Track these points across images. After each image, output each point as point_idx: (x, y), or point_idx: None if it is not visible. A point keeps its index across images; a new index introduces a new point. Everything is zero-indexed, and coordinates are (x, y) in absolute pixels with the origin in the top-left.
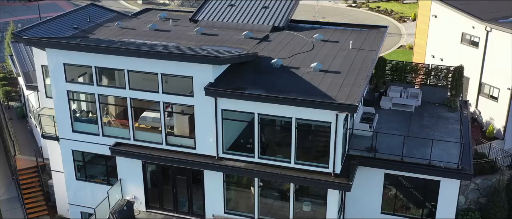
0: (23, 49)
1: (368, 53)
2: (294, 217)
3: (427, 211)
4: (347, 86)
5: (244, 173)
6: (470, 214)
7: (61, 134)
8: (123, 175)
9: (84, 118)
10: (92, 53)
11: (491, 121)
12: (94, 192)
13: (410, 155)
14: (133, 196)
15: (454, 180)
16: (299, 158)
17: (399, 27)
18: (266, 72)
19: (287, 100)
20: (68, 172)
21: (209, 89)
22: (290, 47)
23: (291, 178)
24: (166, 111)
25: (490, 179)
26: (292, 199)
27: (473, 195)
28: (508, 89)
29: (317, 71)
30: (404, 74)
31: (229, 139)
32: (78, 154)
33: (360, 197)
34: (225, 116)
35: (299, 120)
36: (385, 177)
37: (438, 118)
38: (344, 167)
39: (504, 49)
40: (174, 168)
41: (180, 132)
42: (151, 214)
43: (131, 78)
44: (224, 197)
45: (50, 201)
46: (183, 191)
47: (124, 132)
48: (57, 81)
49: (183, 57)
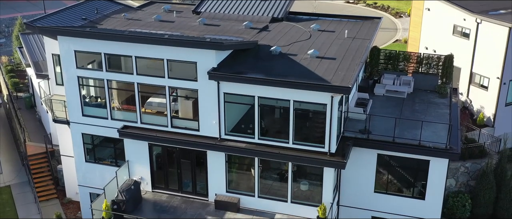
0: (33, 41)
1: (362, 41)
2: (292, 196)
3: (418, 189)
4: (342, 70)
5: (245, 152)
6: (460, 196)
7: (72, 118)
8: (130, 156)
9: (93, 103)
10: (102, 40)
11: (482, 109)
12: (103, 174)
13: (401, 136)
14: (140, 177)
15: (442, 159)
16: (296, 139)
17: (395, 22)
18: (266, 58)
19: (285, 83)
20: (78, 154)
21: (212, 73)
22: (288, 36)
23: (289, 157)
24: (171, 95)
25: (479, 162)
26: (290, 179)
27: (463, 178)
28: (497, 79)
29: (313, 57)
30: (397, 63)
31: (231, 122)
32: (87, 137)
33: (354, 177)
34: (227, 99)
35: (296, 102)
36: (378, 157)
37: (429, 103)
38: (339, 147)
39: (493, 40)
40: (179, 151)
41: (184, 115)
42: (156, 194)
43: (138, 66)
44: (226, 178)
45: (58, 186)
46: (187, 173)
47: (132, 115)
48: (68, 68)
49: (188, 44)
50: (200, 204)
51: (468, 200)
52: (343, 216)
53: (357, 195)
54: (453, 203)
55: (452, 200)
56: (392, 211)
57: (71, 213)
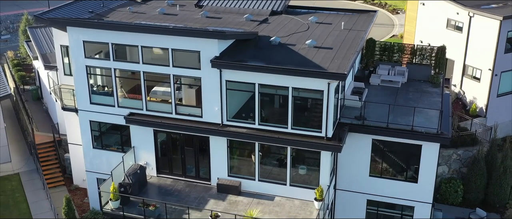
0: (40, 34)
1: (358, 33)
2: (291, 179)
3: (411, 173)
4: (338, 59)
5: (246, 137)
6: (453, 182)
7: (80, 105)
8: (136, 143)
9: (101, 91)
10: (110, 30)
11: (474, 100)
12: (109, 160)
13: (395, 122)
14: (146, 162)
15: (434, 144)
16: (295, 124)
17: (392, 18)
18: (265, 48)
19: (284, 71)
20: (86, 141)
21: (215, 61)
22: (287, 28)
23: (288, 141)
24: (176, 83)
25: (471, 150)
26: (289, 163)
27: (456, 165)
28: (489, 70)
29: (311, 47)
30: (392, 54)
31: (232, 109)
32: (95, 124)
33: (350, 162)
34: (229, 86)
35: (295, 89)
36: (373, 142)
37: (422, 92)
38: (335, 132)
39: (485, 33)
40: (183, 138)
41: (188, 102)
42: (161, 178)
43: (143, 55)
44: (228, 162)
45: (66, 174)
46: (190, 160)
47: (137, 103)
48: (77, 58)
49: (192, 33)
50: (203, 187)
51: (460, 186)
52: (339, 199)
53: (353, 179)
54: (445, 189)
55: (445, 186)
56: (386, 194)
57: (78, 199)
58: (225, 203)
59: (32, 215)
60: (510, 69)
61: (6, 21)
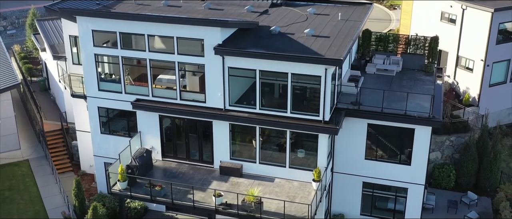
0: (48, 26)
1: (354, 23)
2: (290, 162)
3: (404, 156)
4: (335, 46)
5: (247, 121)
6: (445, 168)
7: (89, 92)
8: (142, 128)
9: (109, 79)
10: (118, 20)
11: (467, 90)
12: (116, 145)
13: (389, 107)
14: (151, 146)
15: (426, 127)
16: (294, 109)
17: (389, 13)
18: (266, 37)
19: (284, 57)
20: (94, 126)
21: (218, 48)
22: (286, 19)
23: (287, 125)
24: (180, 70)
25: (463, 136)
26: (288, 146)
27: (448, 151)
28: (481, 61)
29: (309, 36)
30: (387, 45)
31: (234, 95)
32: (103, 110)
33: (347, 145)
34: (231, 73)
35: (294, 75)
36: (368, 127)
37: (416, 80)
38: (332, 116)
39: (477, 25)
40: (187, 125)
41: (192, 89)
42: (166, 162)
43: (150, 44)
44: (230, 146)
45: (73, 160)
46: (194, 145)
47: (144, 89)
48: (86, 46)
49: (196, 22)
50: (206, 170)
51: (453, 171)
52: (337, 182)
53: (349, 162)
54: (439, 173)
55: (438, 171)
56: (381, 176)
57: (86, 184)
58: (228, 184)
59: (42, 198)
60: (501, 60)
61: (12, 17)
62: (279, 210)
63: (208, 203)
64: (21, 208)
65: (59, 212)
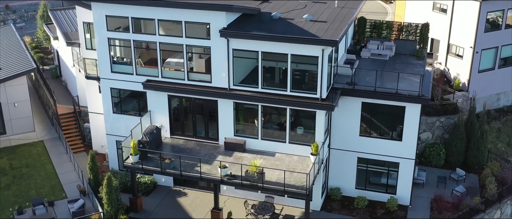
0: (61, 15)
1: (349, 10)
2: (290, 138)
3: (396, 132)
4: (331, 29)
5: (250, 99)
6: (436, 147)
7: (102, 74)
8: (152, 107)
9: (121, 61)
10: (130, 5)
11: (458, 76)
12: (127, 124)
13: (382, 86)
14: (160, 125)
15: (416, 105)
16: (293, 87)
17: (385, 7)
18: (267, 22)
19: (284, 39)
20: (107, 106)
21: (223, 31)
22: (286, 6)
23: (287, 102)
24: (188, 52)
25: (452, 118)
26: (288, 123)
27: (439, 131)
28: (470, 48)
29: (308, 21)
30: (381, 31)
31: (238, 76)
32: (115, 91)
33: (342, 123)
34: (235, 54)
35: (293, 55)
36: (362, 105)
37: (407, 64)
38: (329, 94)
39: (467, 14)
40: (194, 105)
41: (198, 70)
42: (174, 139)
43: (159, 27)
44: (234, 124)
45: (85, 142)
46: (200, 124)
47: (153, 71)
48: (100, 31)
49: (203, 6)
50: (212, 146)
51: (443, 149)
52: (333, 157)
53: (344, 139)
54: (429, 152)
55: (429, 150)
56: (375, 152)
57: (98, 162)
58: (232, 158)
59: (57, 174)
60: (489, 48)
61: (21, 10)
62: (280, 180)
63: (214, 174)
64: (39, 183)
65: (74, 186)
